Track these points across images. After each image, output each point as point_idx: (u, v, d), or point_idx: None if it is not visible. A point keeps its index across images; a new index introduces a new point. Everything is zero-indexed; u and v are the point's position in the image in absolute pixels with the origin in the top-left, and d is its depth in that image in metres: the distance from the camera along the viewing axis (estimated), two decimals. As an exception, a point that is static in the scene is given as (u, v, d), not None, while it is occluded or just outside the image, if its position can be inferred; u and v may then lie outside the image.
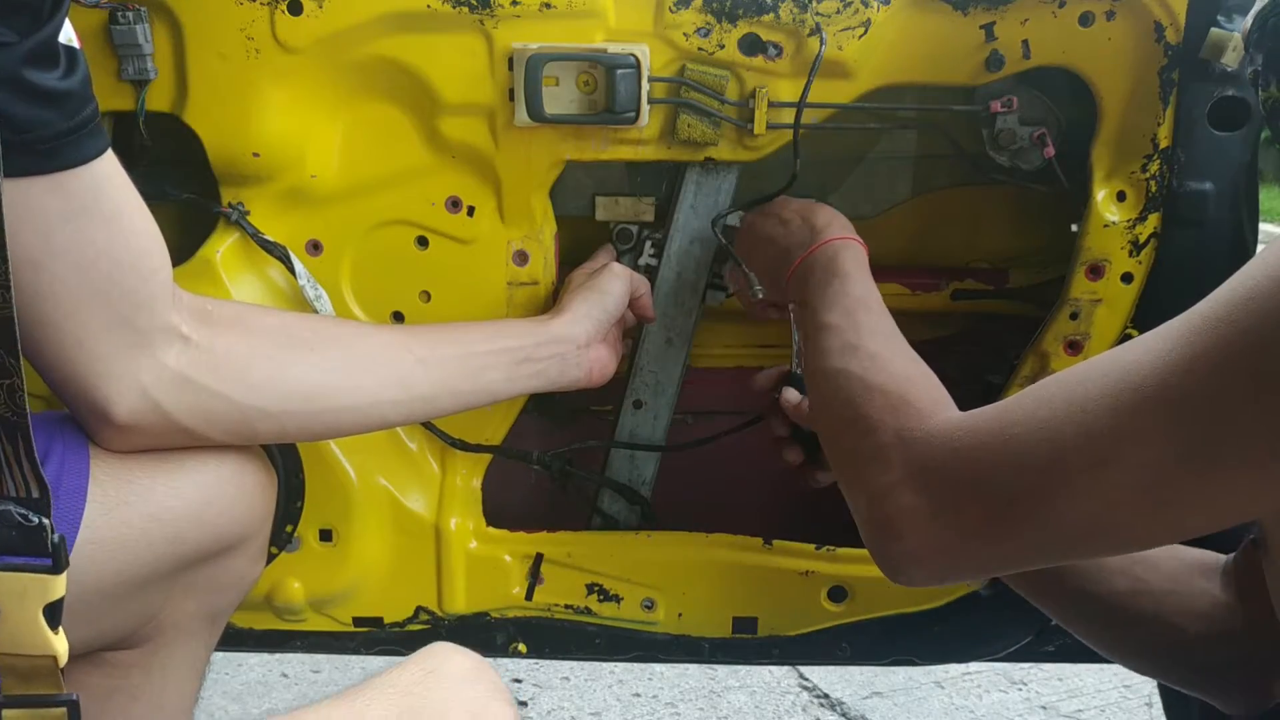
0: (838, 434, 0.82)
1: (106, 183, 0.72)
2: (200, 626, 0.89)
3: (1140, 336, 0.63)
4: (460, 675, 0.62)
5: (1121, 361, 0.63)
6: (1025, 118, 1.02)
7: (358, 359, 0.90)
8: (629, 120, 0.99)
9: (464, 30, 0.98)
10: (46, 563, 0.64)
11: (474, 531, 1.14)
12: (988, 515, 0.67)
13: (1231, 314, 0.58)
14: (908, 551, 0.71)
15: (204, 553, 0.84)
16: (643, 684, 1.91)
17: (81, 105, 0.68)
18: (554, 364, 1.00)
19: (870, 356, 0.83)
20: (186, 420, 0.79)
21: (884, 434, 0.75)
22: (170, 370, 0.78)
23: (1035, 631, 1.13)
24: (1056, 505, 0.64)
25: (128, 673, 0.86)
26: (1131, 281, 1.02)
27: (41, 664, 0.65)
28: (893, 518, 0.72)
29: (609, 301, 1.04)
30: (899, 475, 0.72)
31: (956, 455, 0.69)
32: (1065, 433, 0.63)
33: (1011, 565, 0.72)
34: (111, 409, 0.76)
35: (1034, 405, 0.67)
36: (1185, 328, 0.60)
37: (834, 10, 0.97)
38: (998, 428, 0.68)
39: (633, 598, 1.15)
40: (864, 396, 0.79)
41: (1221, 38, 0.94)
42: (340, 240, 1.06)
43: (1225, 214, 0.99)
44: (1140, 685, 1.89)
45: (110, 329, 0.74)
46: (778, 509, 1.18)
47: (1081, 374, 0.65)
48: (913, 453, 0.72)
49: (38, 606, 0.64)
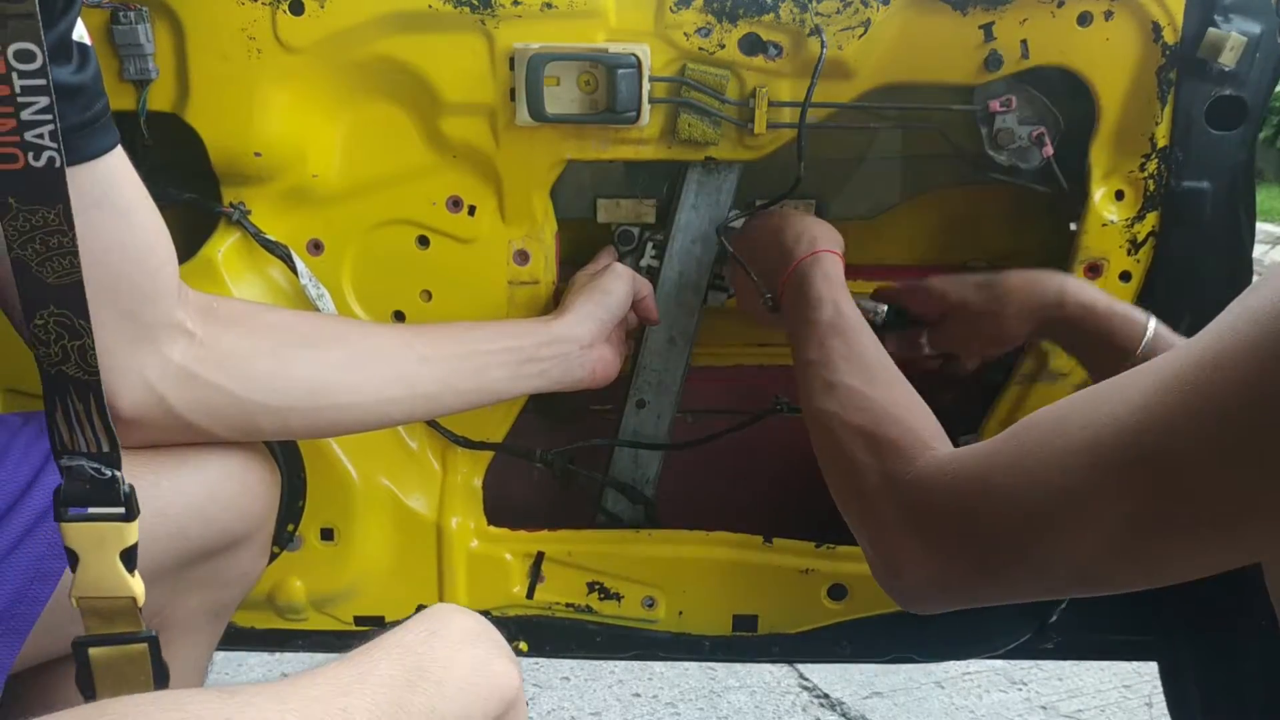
0: (830, 475, 0.83)
1: (118, 177, 0.73)
2: (203, 622, 0.89)
3: (1119, 380, 0.64)
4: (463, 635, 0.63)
5: (1098, 414, 0.63)
6: (1024, 117, 1.02)
7: (361, 356, 0.90)
8: (630, 120, 0.99)
9: (465, 30, 0.98)
10: (120, 511, 0.67)
11: (475, 530, 1.15)
12: (977, 558, 0.69)
13: (1199, 377, 0.58)
14: (910, 588, 0.74)
15: (208, 549, 0.84)
16: (643, 684, 1.91)
17: (94, 100, 0.70)
18: (557, 364, 1.00)
19: (847, 392, 0.83)
20: (190, 415, 0.80)
21: (871, 477, 0.76)
22: (174, 365, 0.78)
23: (1035, 628, 1.14)
24: (1040, 552, 0.65)
25: None
26: (1130, 280, 1.03)
27: (121, 604, 0.68)
28: (890, 558, 0.74)
29: (612, 301, 1.04)
30: (891, 517, 0.74)
31: (943, 500, 0.71)
32: (1045, 484, 0.64)
33: (1012, 598, 0.74)
34: (116, 402, 0.76)
35: (1016, 453, 0.67)
36: (1159, 383, 0.60)
37: (834, 10, 0.98)
38: (981, 474, 0.69)
39: (633, 596, 1.15)
40: (848, 439, 0.80)
41: (1219, 37, 0.94)
42: (341, 239, 1.07)
43: (1222, 213, 1.00)
44: (1140, 685, 1.89)
45: (117, 322, 0.75)
46: (779, 507, 1.18)
47: (1060, 420, 0.66)
48: (901, 497, 0.74)
49: (115, 552, 0.67)
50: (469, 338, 0.98)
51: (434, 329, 0.99)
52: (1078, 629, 1.15)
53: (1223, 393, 0.56)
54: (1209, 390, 0.57)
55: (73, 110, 0.67)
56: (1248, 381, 0.55)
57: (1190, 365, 0.59)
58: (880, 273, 1.14)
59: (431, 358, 0.93)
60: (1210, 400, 0.57)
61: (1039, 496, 0.64)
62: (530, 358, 0.99)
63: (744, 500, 1.20)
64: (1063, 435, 0.65)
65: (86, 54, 0.69)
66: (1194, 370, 0.58)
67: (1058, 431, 0.65)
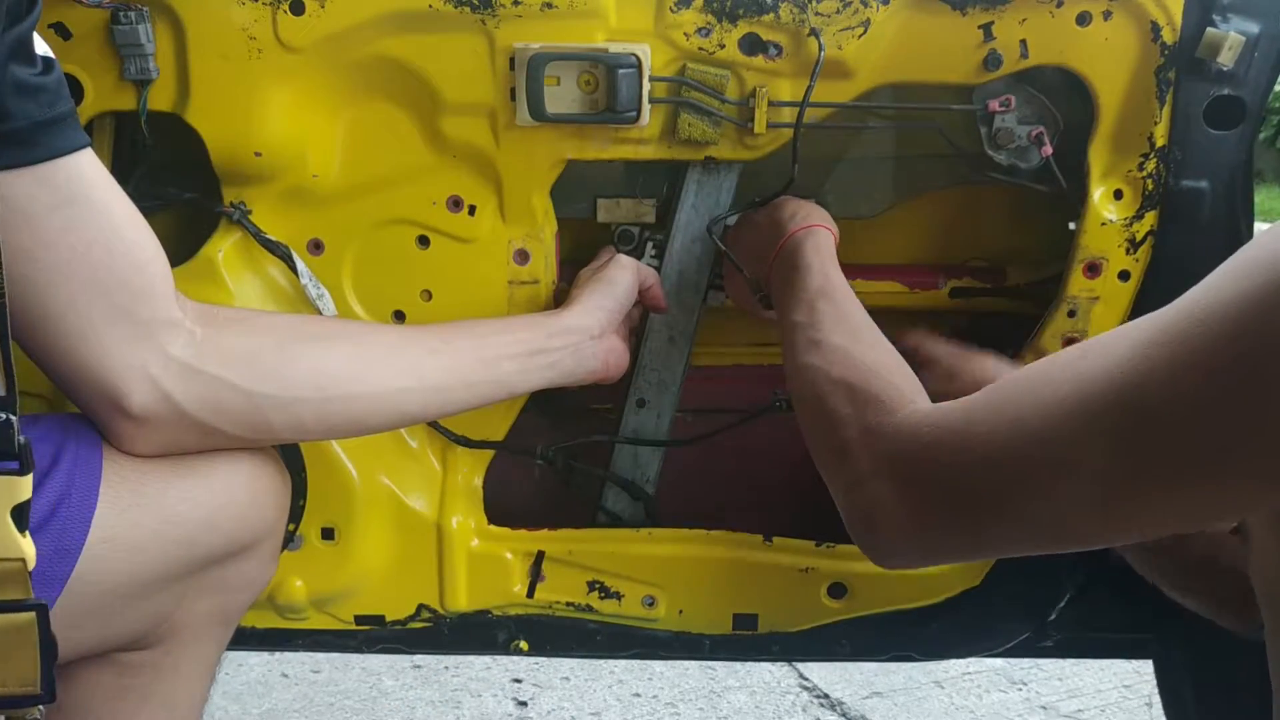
0: (809, 429, 0.83)
1: (90, 176, 0.73)
2: (212, 628, 0.89)
3: (1105, 336, 0.63)
4: None
5: (1082, 366, 0.63)
6: (1023, 117, 1.03)
7: (368, 349, 0.89)
8: (630, 120, 0.99)
9: (465, 30, 0.98)
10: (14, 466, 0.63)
11: (475, 529, 1.15)
12: (953, 509, 0.68)
13: (1187, 329, 0.57)
14: (884, 541, 0.73)
15: (216, 555, 0.84)
16: (643, 684, 1.91)
17: (57, 100, 0.71)
18: (568, 354, 1.00)
19: (832, 350, 0.84)
20: (198, 412, 0.80)
21: (850, 428, 0.76)
22: (177, 361, 0.78)
23: (1034, 627, 1.14)
24: (1017, 503, 0.65)
25: (139, 673, 0.86)
26: (1128, 279, 1.03)
27: (10, 568, 0.64)
28: (866, 509, 0.73)
29: (619, 291, 1.04)
30: (868, 468, 0.73)
31: (922, 449, 0.70)
32: (1026, 434, 0.64)
33: (985, 554, 0.74)
34: (125, 400, 0.76)
35: (1000, 402, 0.67)
36: (1143, 337, 0.60)
37: (834, 10, 0.98)
38: (962, 423, 0.69)
39: (633, 595, 1.15)
40: (829, 391, 0.80)
41: (1217, 37, 0.94)
42: (342, 239, 1.07)
43: (1221, 212, 1.00)
44: (1140, 685, 1.90)
45: (112, 320, 0.75)
46: (779, 506, 1.18)
47: (1044, 372, 0.66)
48: (879, 446, 0.73)
49: (5, 509, 0.63)
50: (478, 330, 0.98)
51: (441, 325, 0.99)
52: (1077, 627, 1.15)
53: (1210, 346, 0.56)
54: (1197, 343, 0.57)
55: (36, 107, 0.68)
56: (1234, 335, 0.55)
57: (1180, 318, 0.59)
58: (880, 273, 1.14)
59: (441, 350, 0.93)
60: (1197, 353, 0.56)
61: (1020, 445, 0.64)
62: (541, 349, 0.98)
63: (744, 499, 1.20)
64: (1048, 384, 0.64)
65: (51, 64, 0.70)
66: (1183, 322, 0.58)
67: (1043, 381, 0.65)
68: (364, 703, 1.85)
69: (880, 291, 1.13)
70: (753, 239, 1.04)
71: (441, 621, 1.16)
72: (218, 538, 0.84)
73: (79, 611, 0.74)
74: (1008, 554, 0.73)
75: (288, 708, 1.82)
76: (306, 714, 1.82)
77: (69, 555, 0.72)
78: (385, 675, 1.91)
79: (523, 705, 1.85)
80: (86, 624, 0.76)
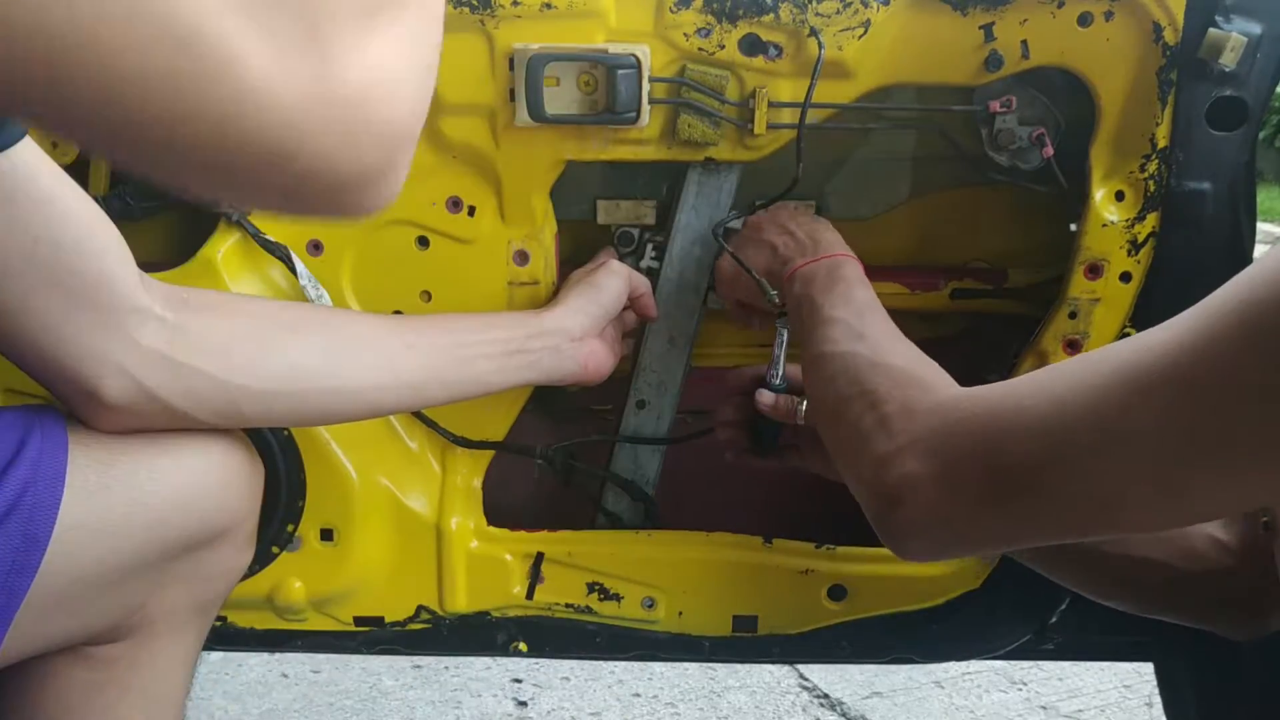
0: (841, 410, 0.80)
1: (30, 168, 0.72)
2: (188, 618, 0.88)
3: (1168, 321, 0.61)
4: None
5: (1138, 343, 0.61)
6: (1024, 118, 1.02)
7: (343, 342, 0.89)
8: (630, 120, 0.99)
9: (465, 30, 0.98)
10: None
11: (475, 531, 1.15)
12: (990, 481, 0.66)
13: (1248, 310, 0.56)
14: (908, 519, 0.70)
15: (188, 540, 0.83)
16: (643, 684, 1.91)
17: None
18: (547, 355, 1.00)
19: (877, 341, 0.85)
20: (172, 399, 0.79)
21: (890, 404, 0.75)
22: (146, 349, 0.78)
23: (1035, 629, 1.14)
24: (1059, 478, 0.63)
25: (113, 666, 0.85)
26: (1130, 280, 1.03)
27: None
28: (894, 485, 0.71)
29: (604, 297, 1.04)
30: (903, 442, 0.72)
31: (962, 422, 0.69)
32: (1075, 406, 0.62)
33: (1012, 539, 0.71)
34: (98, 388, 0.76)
35: (1047, 378, 0.66)
36: (1206, 311, 0.58)
37: (834, 10, 0.98)
38: (1008, 397, 0.67)
39: (633, 596, 1.15)
40: (870, 373, 0.80)
41: (1219, 38, 0.94)
42: (341, 240, 1.06)
43: (1223, 213, 1.00)
44: (1140, 685, 1.89)
45: (73, 310, 0.74)
46: (779, 507, 1.18)
47: (1101, 353, 0.65)
48: (917, 421, 0.72)
49: None
50: (456, 327, 0.97)
51: (420, 318, 0.99)
52: (1078, 629, 1.14)
53: (1274, 324, 0.55)
54: (1260, 321, 0.55)
55: None
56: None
57: (1243, 292, 0.57)
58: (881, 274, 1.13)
59: (417, 345, 0.92)
60: (1259, 331, 0.55)
61: (1065, 418, 0.62)
62: (519, 349, 0.98)
63: (744, 500, 1.20)
64: (1100, 361, 0.63)
65: None
66: (1246, 299, 0.57)
67: (1096, 359, 0.64)
68: (364, 703, 1.85)
69: (881, 293, 1.11)
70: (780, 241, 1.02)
71: (441, 623, 1.16)
72: (189, 520, 0.83)
73: (51, 601, 0.73)
74: (1038, 540, 0.70)
75: (288, 708, 1.82)
76: (306, 714, 1.82)
77: (38, 543, 0.72)
78: (385, 675, 1.91)
79: (523, 705, 1.85)
80: (57, 615, 0.75)
